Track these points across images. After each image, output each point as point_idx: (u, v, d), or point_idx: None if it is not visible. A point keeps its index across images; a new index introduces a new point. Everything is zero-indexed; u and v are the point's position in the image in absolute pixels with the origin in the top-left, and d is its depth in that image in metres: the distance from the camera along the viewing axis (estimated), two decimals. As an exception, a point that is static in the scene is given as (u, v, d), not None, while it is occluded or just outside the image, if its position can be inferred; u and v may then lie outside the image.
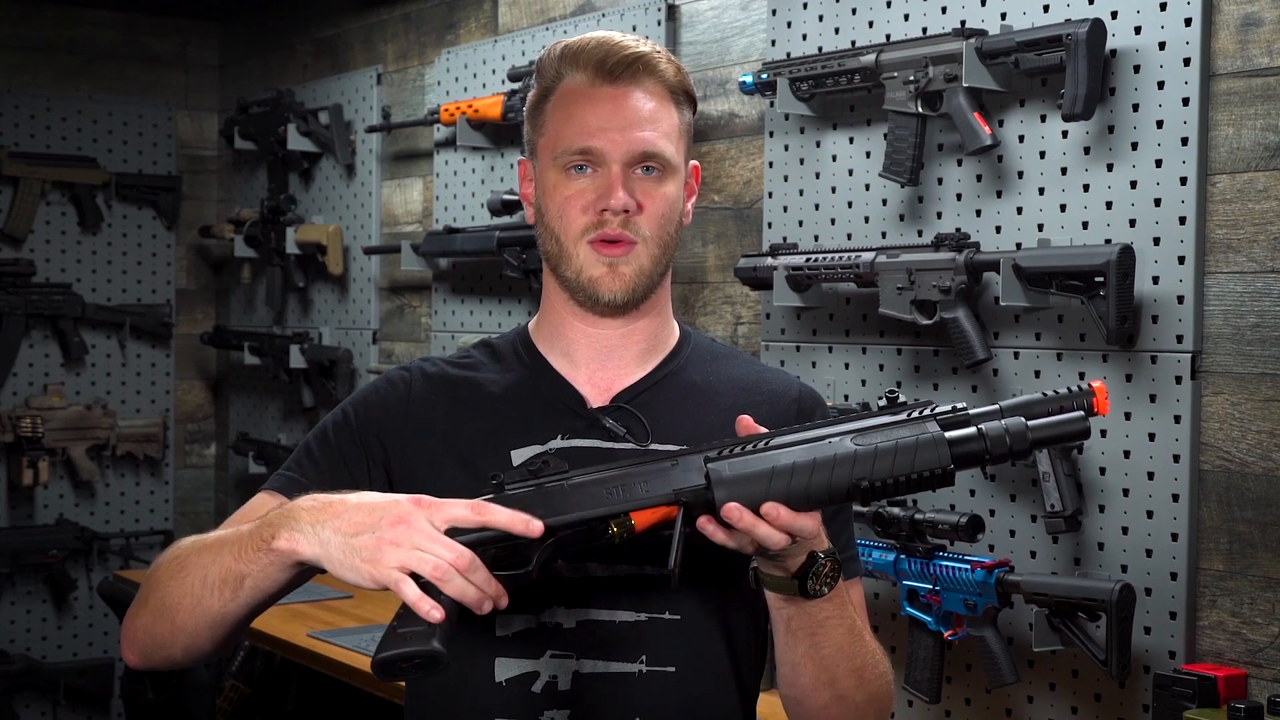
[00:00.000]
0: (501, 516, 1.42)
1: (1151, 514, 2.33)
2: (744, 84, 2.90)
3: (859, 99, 2.79)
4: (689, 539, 1.45)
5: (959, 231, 2.52)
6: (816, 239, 2.88)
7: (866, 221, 2.79)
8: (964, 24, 2.53)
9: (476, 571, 1.39)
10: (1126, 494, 2.36)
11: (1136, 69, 2.34)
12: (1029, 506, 2.51)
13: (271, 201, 4.57)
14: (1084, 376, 2.41)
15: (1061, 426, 1.43)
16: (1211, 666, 2.23)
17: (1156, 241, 2.31)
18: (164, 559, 1.59)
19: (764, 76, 2.85)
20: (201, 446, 5.28)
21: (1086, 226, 2.42)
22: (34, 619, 4.87)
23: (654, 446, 1.63)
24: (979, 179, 2.59)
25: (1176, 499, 2.30)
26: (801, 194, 2.91)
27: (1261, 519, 2.22)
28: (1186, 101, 2.27)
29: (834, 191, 2.85)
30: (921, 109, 2.57)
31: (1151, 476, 2.33)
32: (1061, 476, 2.37)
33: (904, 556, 2.52)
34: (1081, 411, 1.44)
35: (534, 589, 1.52)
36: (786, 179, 2.94)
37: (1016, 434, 1.42)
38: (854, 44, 2.77)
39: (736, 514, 1.41)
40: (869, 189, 2.78)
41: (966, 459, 1.42)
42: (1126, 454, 2.36)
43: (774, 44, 2.96)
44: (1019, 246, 2.49)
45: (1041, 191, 2.49)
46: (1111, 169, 2.38)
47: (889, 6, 2.73)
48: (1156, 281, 2.31)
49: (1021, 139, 2.52)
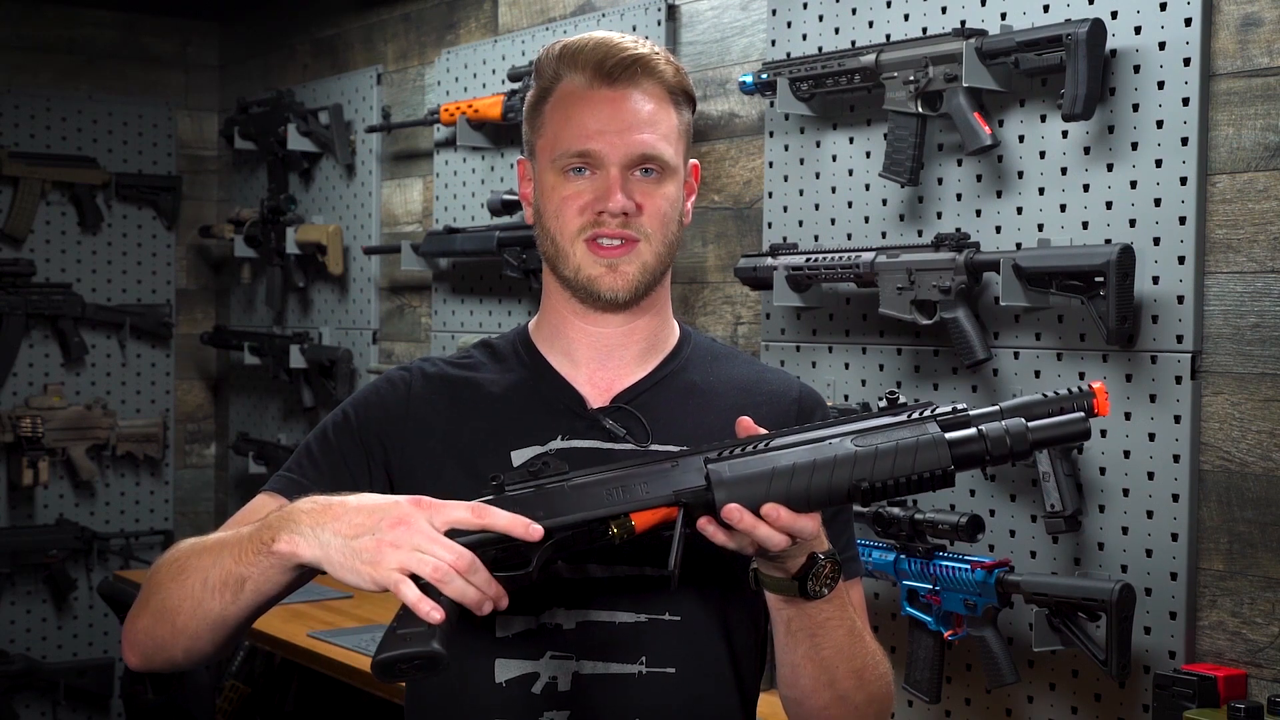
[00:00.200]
0: (501, 519, 1.42)
1: (1151, 514, 2.33)
2: (744, 84, 2.90)
3: (859, 99, 2.79)
4: (689, 540, 1.45)
5: (959, 231, 2.51)
6: (816, 239, 2.87)
7: (866, 221, 2.79)
8: (964, 24, 2.53)
9: (476, 573, 1.39)
10: (1126, 494, 2.36)
11: (1136, 69, 2.34)
12: (1029, 506, 2.51)
13: (271, 201, 4.56)
14: (1084, 376, 2.41)
15: (1062, 428, 1.43)
16: (1211, 666, 2.23)
17: (1156, 241, 2.31)
18: (164, 561, 1.59)
19: (764, 76, 2.85)
20: (201, 446, 5.28)
21: (1086, 226, 2.42)
22: (34, 619, 4.86)
23: (654, 447, 1.63)
24: (979, 179, 2.59)
25: (1176, 499, 2.30)
26: (801, 194, 2.91)
27: (1261, 519, 2.22)
28: (1186, 101, 2.27)
29: (834, 191, 2.85)
30: (921, 109, 2.57)
31: (1151, 476, 2.33)
32: (1061, 476, 2.37)
33: (904, 556, 2.52)
34: (1082, 413, 1.44)
35: (534, 590, 1.51)
36: (786, 179, 2.94)
37: (1017, 435, 1.42)
38: (854, 44, 2.77)
39: (736, 515, 1.41)
40: (869, 189, 2.78)
41: (967, 460, 1.42)
42: (1126, 454, 2.36)
43: (774, 44, 2.95)
44: (1019, 246, 2.49)
45: (1041, 191, 2.49)
46: (1111, 169, 2.38)
47: (889, 6, 2.73)
48: (1156, 281, 2.31)
49: (1021, 139, 2.52)
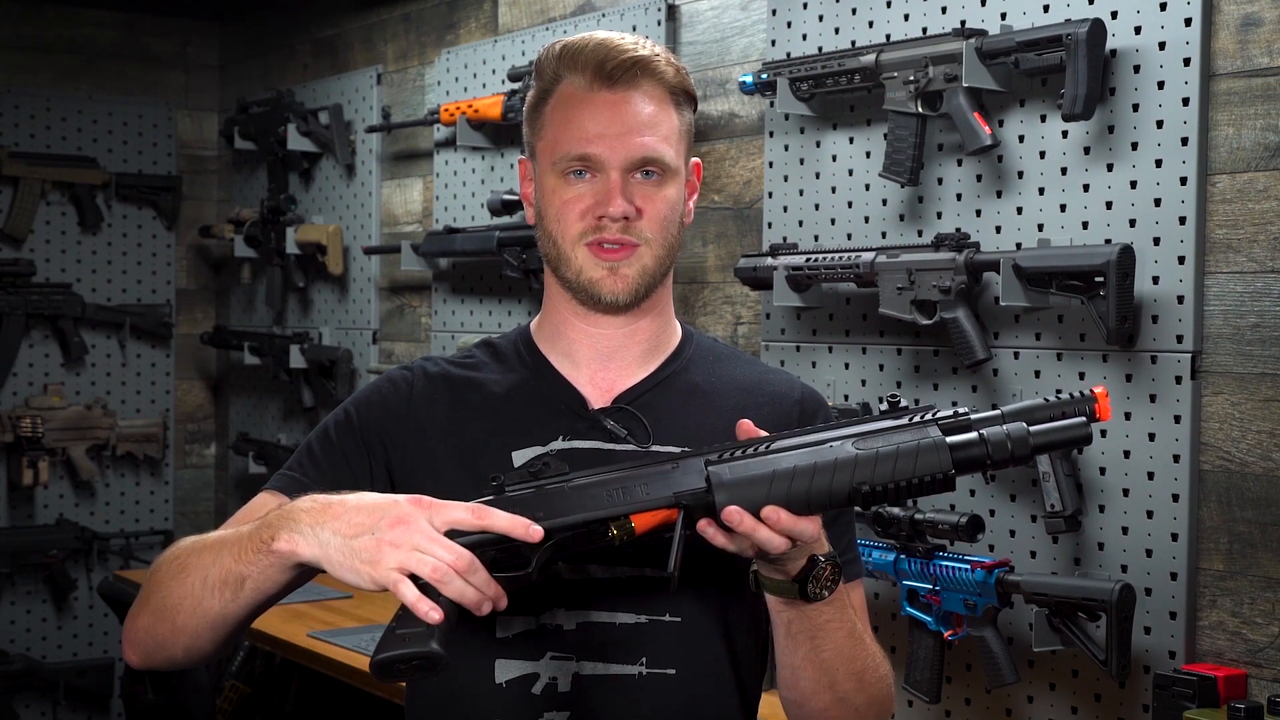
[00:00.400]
0: (501, 520, 1.42)
1: (1151, 514, 2.33)
2: (744, 84, 2.90)
3: (859, 99, 2.79)
4: (690, 542, 1.45)
5: (959, 231, 2.51)
6: (816, 239, 2.87)
7: (866, 221, 2.79)
8: (964, 24, 2.53)
9: (476, 573, 1.39)
10: (1126, 494, 2.36)
11: (1136, 69, 2.33)
12: (1029, 506, 2.51)
13: (271, 201, 4.56)
14: (1084, 377, 2.41)
15: (1063, 432, 1.43)
16: (1211, 666, 2.23)
17: (1156, 241, 2.31)
18: (164, 559, 1.59)
19: (764, 76, 2.85)
20: (201, 446, 5.28)
21: (1086, 226, 2.42)
22: (34, 619, 4.86)
23: (655, 448, 1.63)
24: (979, 179, 2.59)
25: (1176, 499, 2.30)
26: (801, 194, 2.91)
27: (1261, 519, 2.22)
28: (1186, 101, 2.27)
29: (834, 191, 2.85)
30: (921, 109, 2.57)
31: (1151, 476, 2.33)
32: (1061, 477, 2.37)
33: (904, 556, 2.52)
34: (1083, 417, 1.44)
35: (534, 591, 1.51)
36: (786, 179, 2.94)
37: (1018, 439, 1.41)
38: (854, 44, 2.77)
39: (737, 517, 1.41)
40: (869, 189, 2.78)
41: (967, 464, 1.42)
42: (1126, 454, 2.36)
43: (774, 44, 2.95)
44: (1019, 246, 2.48)
45: (1041, 191, 2.49)
46: (1111, 169, 2.38)
47: (889, 6, 2.73)
48: (1156, 281, 2.31)
49: (1021, 139, 2.52)
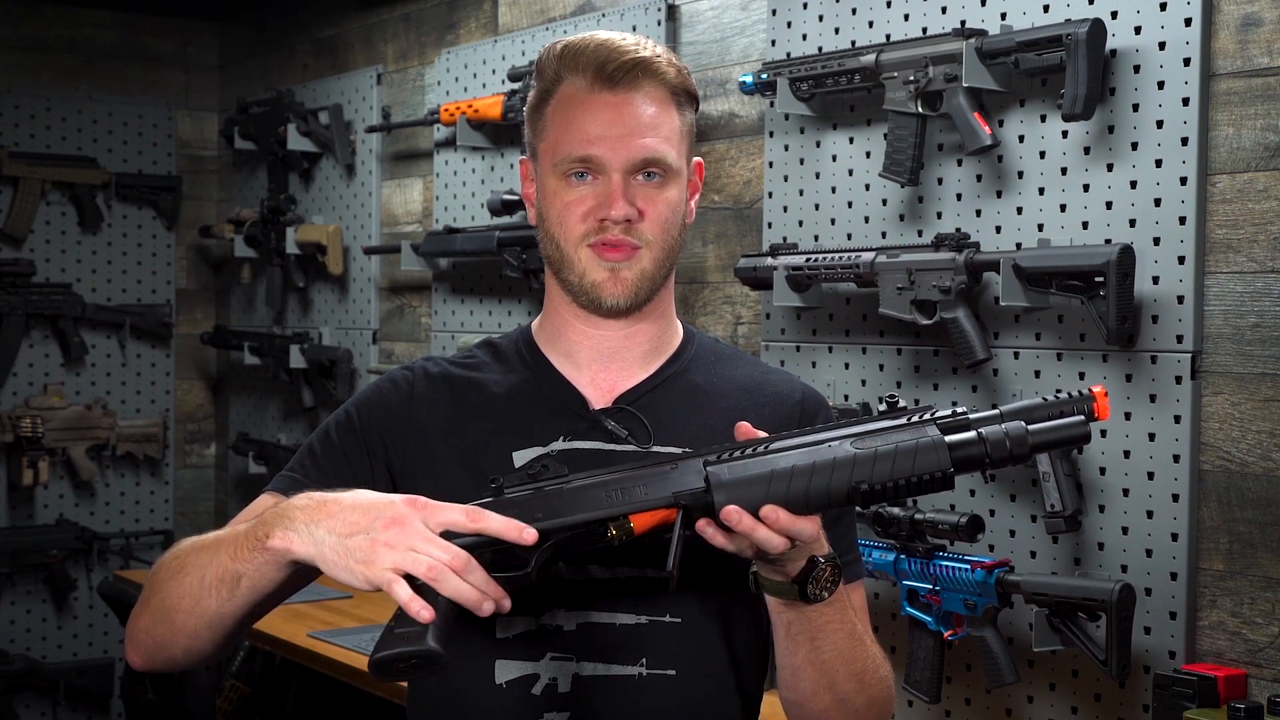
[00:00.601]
0: (495, 523, 1.41)
1: (1151, 514, 2.33)
2: (744, 84, 2.89)
3: (859, 99, 2.78)
4: (690, 542, 1.45)
5: (959, 231, 2.51)
6: (816, 239, 2.87)
7: (866, 221, 2.79)
8: (964, 24, 2.53)
9: (473, 572, 1.39)
10: (1126, 494, 2.36)
11: (1136, 69, 2.33)
12: (1029, 506, 2.51)
13: (271, 201, 4.56)
14: (1084, 377, 2.41)
15: (1061, 431, 1.43)
16: (1211, 666, 2.23)
17: (1156, 241, 2.31)
18: (164, 560, 1.59)
19: (764, 76, 2.85)
20: (201, 446, 5.28)
21: (1086, 226, 2.41)
22: (34, 619, 4.87)
23: (656, 449, 1.63)
24: (979, 179, 2.59)
25: (1176, 499, 2.30)
26: (801, 194, 2.91)
27: (1261, 519, 2.22)
28: (1186, 101, 2.27)
29: (834, 191, 2.85)
30: (921, 109, 2.57)
31: (1151, 476, 2.33)
32: (1061, 476, 2.37)
33: (904, 556, 2.52)
34: (1082, 416, 1.44)
35: (534, 591, 1.51)
36: (786, 179, 2.94)
37: (1016, 438, 1.41)
38: (854, 44, 2.77)
39: (735, 517, 1.41)
40: (869, 189, 2.78)
41: (966, 463, 1.42)
42: (1126, 454, 2.36)
43: (774, 44, 2.95)
44: (1019, 246, 2.48)
45: (1041, 191, 2.49)
46: (1111, 169, 2.38)
47: (889, 6, 2.73)
48: (1156, 281, 2.31)
49: (1021, 139, 2.52)
